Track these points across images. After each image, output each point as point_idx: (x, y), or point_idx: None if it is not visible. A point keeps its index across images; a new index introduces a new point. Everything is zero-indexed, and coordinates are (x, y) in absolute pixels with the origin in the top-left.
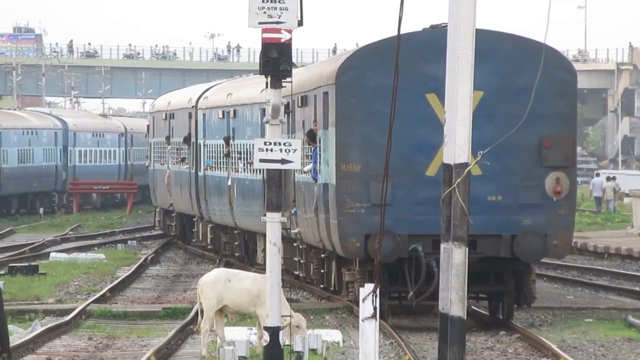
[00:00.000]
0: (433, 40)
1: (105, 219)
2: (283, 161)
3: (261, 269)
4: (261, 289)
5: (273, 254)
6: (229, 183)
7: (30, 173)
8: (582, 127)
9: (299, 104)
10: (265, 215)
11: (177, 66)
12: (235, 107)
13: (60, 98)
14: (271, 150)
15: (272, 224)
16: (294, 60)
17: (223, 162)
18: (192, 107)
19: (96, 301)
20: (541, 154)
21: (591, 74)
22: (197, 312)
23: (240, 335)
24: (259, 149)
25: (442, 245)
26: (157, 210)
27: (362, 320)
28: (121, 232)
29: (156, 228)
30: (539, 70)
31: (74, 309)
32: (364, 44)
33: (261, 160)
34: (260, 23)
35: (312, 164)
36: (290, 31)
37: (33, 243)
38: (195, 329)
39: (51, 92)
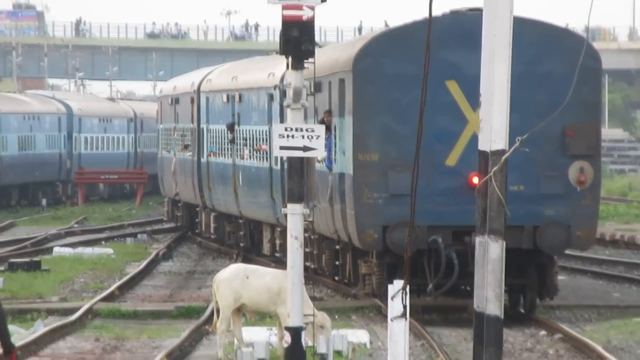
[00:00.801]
0: (454, 26)
1: (113, 211)
2: (305, 148)
3: (268, 260)
4: (282, 286)
5: (295, 248)
6: (234, 170)
7: (32, 161)
8: (630, 110)
9: (311, 90)
10: (285, 206)
11: (191, 46)
12: (241, 91)
13: (64, 80)
14: (292, 136)
15: (294, 216)
16: (316, 39)
17: (227, 148)
18: (194, 90)
19: (103, 300)
20: (564, 142)
21: None
22: (212, 312)
23: (260, 336)
24: (279, 135)
25: (478, 239)
26: (166, 200)
27: (391, 320)
28: (130, 225)
29: (164, 219)
30: (562, 57)
31: (79, 308)
32: (392, 22)
33: (282, 148)
34: None
35: (326, 152)
36: (312, 8)
37: (35, 237)
38: (210, 330)
39: (54, 73)
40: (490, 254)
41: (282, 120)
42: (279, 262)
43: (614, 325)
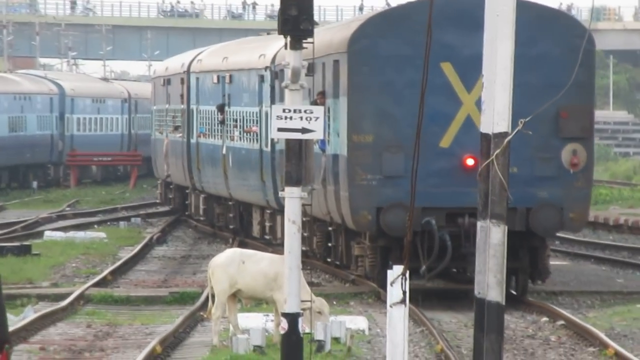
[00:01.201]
0: (447, 8)
1: (106, 194)
2: (304, 130)
3: (257, 242)
4: (279, 272)
5: (292, 232)
6: (224, 152)
7: (23, 143)
8: (635, 92)
9: (305, 72)
10: (283, 190)
11: (186, 25)
12: (232, 72)
13: (56, 60)
14: (290, 118)
15: (291, 200)
16: (315, 18)
17: (217, 129)
18: (185, 71)
19: (96, 285)
20: (558, 124)
21: None
22: (207, 297)
23: (256, 323)
24: (277, 116)
25: (479, 223)
26: (159, 182)
27: (390, 306)
28: (124, 208)
29: (157, 201)
30: (556, 38)
31: (70, 294)
32: (394, 1)
33: (279, 130)
34: None
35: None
36: None
37: (25, 220)
38: (205, 316)
39: (46, 53)
40: (491, 239)
41: (272, 101)
42: (270, 244)
43: (617, 312)
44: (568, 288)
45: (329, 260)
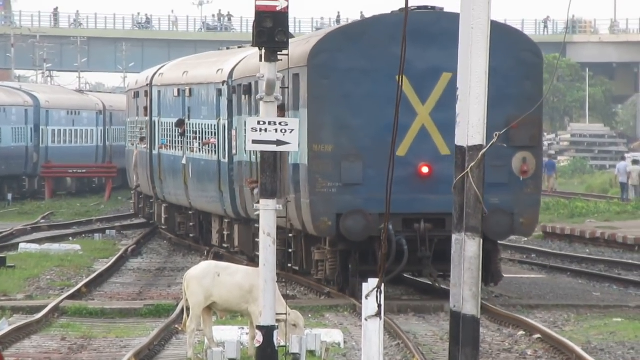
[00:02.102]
0: (402, 23)
1: (81, 206)
2: (279, 142)
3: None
4: (254, 284)
5: (267, 245)
6: (184, 162)
7: None
8: (611, 105)
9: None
10: (258, 202)
11: (161, 37)
12: (191, 85)
13: (31, 72)
14: (265, 130)
15: (267, 212)
16: (291, 30)
17: (178, 141)
18: (147, 84)
19: (70, 297)
20: (508, 134)
21: (621, 47)
22: (182, 310)
23: (231, 336)
24: (252, 129)
25: (454, 237)
26: (133, 192)
27: (365, 319)
28: (99, 220)
29: (131, 212)
30: (506, 53)
31: (45, 306)
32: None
33: (254, 142)
34: None
35: None
36: None
37: (0, 233)
38: (180, 329)
39: (21, 64)
40: (467, 252)
41: (229, 115)
42: (236, 254)
43: (593, 326)
44: (544, 301)
45: (289, 265)
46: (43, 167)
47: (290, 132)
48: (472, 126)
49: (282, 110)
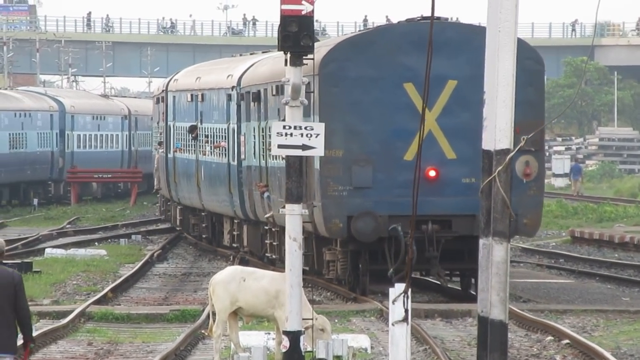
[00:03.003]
0: (409, 33)
1: (107, 211)
2: (304, 147)
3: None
4: (280, 289)
5: (293, 250)
6: (197, 166)
7: (23, 160)
8: None
9: (274, 92)
10: (284, 207)
11: (186, 41)
12: (204, 91)
13: (56, 76)
14: (291, 134)
15: (292, 217)
16: (316, 34)
17: (191, 144)
18: (163, 90)
19: (96, 302)
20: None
21: None
22: (208, 315)
23: (257, 341)
24: (278, 133)
25: (481, 241)
26: (159, 196)
27: (392, 324)
28: (124, 225)
29: (158, 215)
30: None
31: (71, 311)
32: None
33: (280, 146)
34: None
35: None
36: (312, 2)
37: (26, 238)
38: (206, 334)
39: (46, 69)
40: (494, 256)
41: (238, 119)
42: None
43: (623, 331)
44: (573, 306)
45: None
46: (68, 172)
47: (316, 137)
48: (499, 130)
49: None
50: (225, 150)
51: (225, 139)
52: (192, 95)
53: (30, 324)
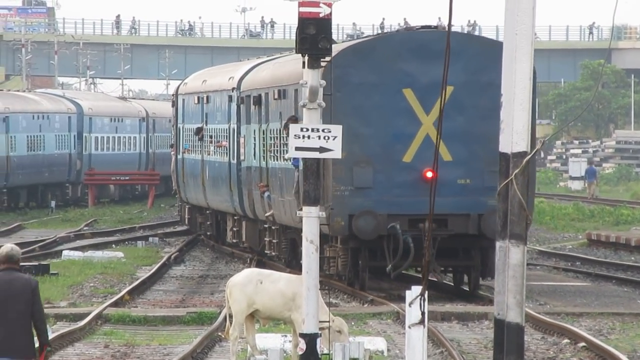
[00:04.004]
0: (408, 41)
1: (124, 214)
2: (322, 149)
3: (231, 247)
4: (296, 292)
5: (310, 252)
6: (202, 165)
7: (41, 162)
8: None
9: (275, 97)
10: (300, 209)
11: (205, 43)
12: (208, 93)
13: (74, 79)
14: (308, 137)
15: (309, 220)
16: (334, 37)
17: (198, 145)
18: (174, 93)
19: (113, 305)
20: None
21: None
22: (225, 317)
23: (274, 343)
24: (295, 135)
25: (498, 244)
26: (177, 197)
27: (409, 327)
28: (141, 227)
29: (175, 215)
30: (501, 66)
31: (88, 314)
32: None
33: (297, 149)
34: None
35: None
36: (330, 5)
37: (44, 240)
38: (223, 336)
39: (64, 72)
40: (510, 259)
41: (238, 119)
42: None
43: (639, 334)
44: (589, 309)
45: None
46: (86, 175)
47: (334, 139)
48: (516, 132)
49: (294, 121)
50: (226, 150)
51: (226, 138)
52: (198, 97)
53: (46, 328)
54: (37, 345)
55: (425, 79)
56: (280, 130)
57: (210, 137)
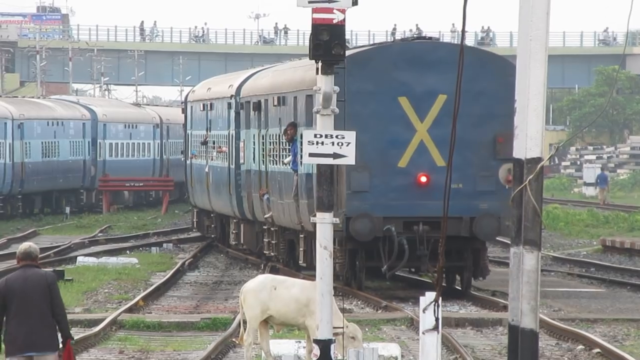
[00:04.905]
0: (404, 52)
1: (138, 220)
2: (335, 155)
3: (235, 250)
4: (310, 298)
5: (324, 258)
6: (207, 170)
7: (56, 168)
8: None
9: (275, 103)
10: (315, 215)
11: (218, 50)
12: (212, 100)
13: (88, 85)
14: (322, 143)
15: (323, 226)
16: (348, 43)
17: (203, 151)
18: (183, 101)
19: (128, 310)
20: (495, 148)
21: None
22: (239, 323)
23: (288, 349)
24: (309, 141)
25: (512, 250)
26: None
27: (423, 333)
28: (156, 234)
29: (188, 221)
30: (493, 77)
31: (103, 319)
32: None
33: (311, 155)
34: (310, 2)
35: (291, 156)
36: (343, 11)
37: (58, 246)
38: (237, 342)
39: (79, 78)
40: (525, 265)
41: (236, 125)
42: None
43: None
44: (604, 315)
45: (301, 263)
46: (100, 181)
47: (347, 145)
48: (530, 138)
49: (293, 127)
50: (226, 155)
51: (227, 144)
52: (203, 104)
53: (67, 322)
54: (60, 339)
55: (420, 87)
56: (279, 136)
57: (213, 142)
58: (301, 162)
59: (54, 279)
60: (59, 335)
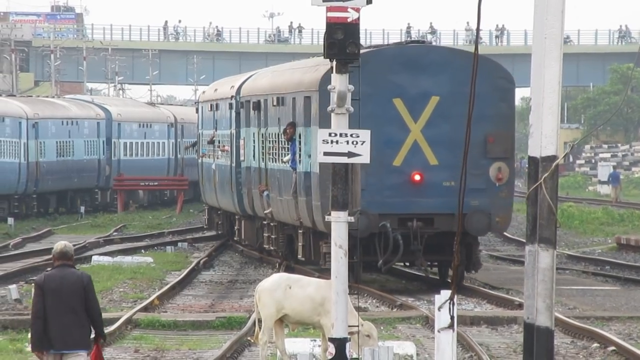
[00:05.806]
0: (398, 55)
1: (153, 219)
2: (350, 154)
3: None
4: (326, 297)
5: (339, 257)
6: (214, 168)
7: (70, 168)
8: None
9: (274, 103)
10: (329, 214)
11: (232, 49)
12: (218, 101)
13: (103, 84)
14: (337, 142)
15: (338, 225)
16: (362, 42)
17: (211, 149)
18: (195, 102)
19: (143, 310)
20: (486, 147)
21: None
22: (254, 322)
23: (303, 348)
24: (323, 140)
25: (527, 248)
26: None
27: (438, 331)
28: (170, 233)
29: (204, 218)
30: (484, 79)
31: (118, 319)
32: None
33: (325, 154)
34: (324, 0)
35: (290, 155)
36: (357, 10)
37: (73, 245)
38: (252, 341)
39: (93, 77)
40: (540, 263)
41: (237, 125)
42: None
43: None
44: (619, 313)
45: (299, 257)
46: (115, 180)
47: (362, 144)
48: (545, 136)
49: (292, 127)
50: (228, 153)
51: (229, 142)
52: (211, 105)
53: (102, 321)
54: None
55: (414, 89)
56: (279, 135)
57: (219, 142)
58: (299, 161)
59: (90, 280)
60: (91, 335)
